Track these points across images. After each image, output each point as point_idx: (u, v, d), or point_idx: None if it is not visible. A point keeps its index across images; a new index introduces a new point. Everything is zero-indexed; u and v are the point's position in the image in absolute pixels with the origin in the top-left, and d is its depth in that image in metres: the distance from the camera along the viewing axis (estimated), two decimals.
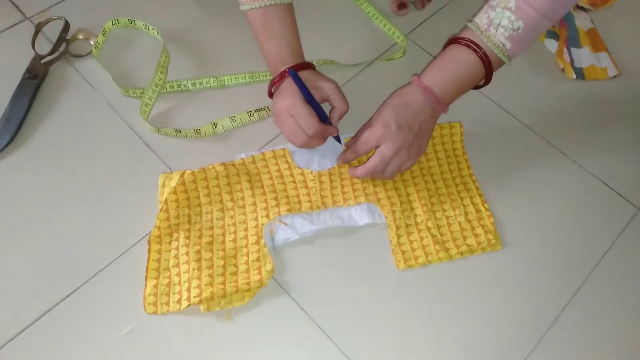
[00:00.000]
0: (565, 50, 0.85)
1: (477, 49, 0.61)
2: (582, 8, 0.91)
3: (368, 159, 0.66)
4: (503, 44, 0.60)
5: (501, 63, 0.62)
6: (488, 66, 0.62)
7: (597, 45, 0.87)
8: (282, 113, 0.64)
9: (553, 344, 0.61)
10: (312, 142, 0.65)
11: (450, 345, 0.61)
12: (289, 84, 0.64)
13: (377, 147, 0.64)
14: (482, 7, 0.62)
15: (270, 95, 0.68)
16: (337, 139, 0.70)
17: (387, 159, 0.64)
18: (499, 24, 0.59)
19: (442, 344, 0.61)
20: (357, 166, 0.67)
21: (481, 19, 0.61)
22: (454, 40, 0.63)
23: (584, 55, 0.85)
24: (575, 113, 0.80)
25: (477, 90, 0.80)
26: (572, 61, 0.84)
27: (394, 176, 0.67)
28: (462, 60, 0.62)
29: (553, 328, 0.62)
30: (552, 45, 0.86)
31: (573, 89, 0.83)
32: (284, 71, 0.65)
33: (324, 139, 0.68)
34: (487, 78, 0.64)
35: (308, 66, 0.67)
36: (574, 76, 0.83)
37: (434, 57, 0.66)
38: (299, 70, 0.65)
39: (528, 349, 0.61)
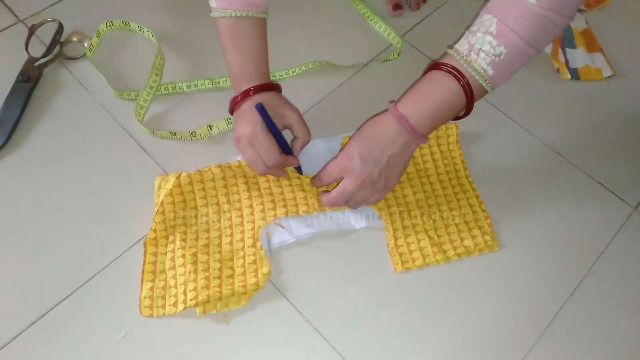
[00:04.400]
0: (559, 50, 0.85)
1: (458, 76, 0.57)
2: None
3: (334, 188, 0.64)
4: (485, 70, 0.56)
5: (483, 92, 0.59)
6: (469, 95, 0.58)
7: (592, 45, 0.87)
8: (242, 140, 0.62)
9: (550, 344, 0.61)
10: (271, 171, 0.65)
11: (448, 347, 0.60)
12: (250, 110, 0.62)
13: (340, 178, 0.62)
14: (462, 33, 0.60)
15: (232, 112, 0.66)
16: (298, 170, 0.68)
17: (348, 193, 0.61)
18: (480, 48, 0.56)
19: (439, 345, 0.60)
20: (326, 192, 0.65)
21: (462, 45, 0.58)
22: (434, 66, 0.60)
23: (579, 56, 0.85)
24: (571, 113, 0.80)
25: None
26: (566, 62, 0.84)
27: (357, 207, 0.65)
28: (441, 87, 0.59)
29: (550, 328, 0.62)
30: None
31: (568, 90, 0.83)
32: (247, 90, 0.62)
33: (283, 168, 0.66)
34: (468, 108, 0.60)
35: (273, 87, 0.65)
36: (569, 77, 0.83)
37: (413, 83, 0.62)
38: (263, 91, 0.63)
39: (525, 349, 0.61)
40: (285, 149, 0.65)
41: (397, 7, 0.88)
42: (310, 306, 0.61)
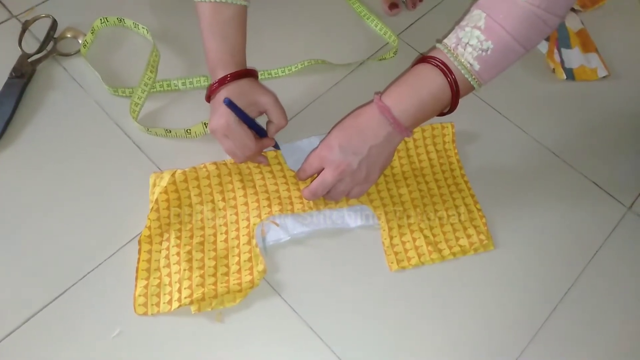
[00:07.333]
0: (555, 50, 0.85)
1: (446, 70, 0.57)
2: (572, 9, 0.92)
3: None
4: (471, 65, 0.56)
5: (470, 88, 0.59)
6: (455, 91, 0.58)
7: (587, 46, 0.87)
8: (217, 132, 0.62)
9: (545, 343, 0.62)
10: (250, 159, 0.66)
11: (443, 346, 0.60)
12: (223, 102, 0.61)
13: (321, 169, 0.62)
14: (452, 28, 0.60)
15: (209, 99, 0.66)
16: (276, 146, 0.69)
17: (328, 183, 0.61)
18: (468, 42, 0.56)
19: (434, 344, 0.60)
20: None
21: (450, 39, 0.58)
22: (422, 59, 0.60)
23: (574, 56, 0.86)
24: (566, 113, 0.81)
25: None
26: (562, 62, 0.84)
27: (339, 199, 0.65)
28: (427, 81, 0.58)
29: (545, 327, 0.63)
30: (542, 45, 0.87)
31: (563, 90, 0.83)
32: (223, 78, 0.62)
33: (261, 151, 0.67)
34: (453, 104, 0.60)
35: (249, 73, 0.64)
36: (564, 77, 0.83)
37: (400, 75, 0.62)
38: (238, 79, 0.63)
39: (520, 348, 0.61)
40: (261, 134, 0.66)
41: (393, 5, 0.88)
42: (305, 304, 0.61)
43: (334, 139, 0.61)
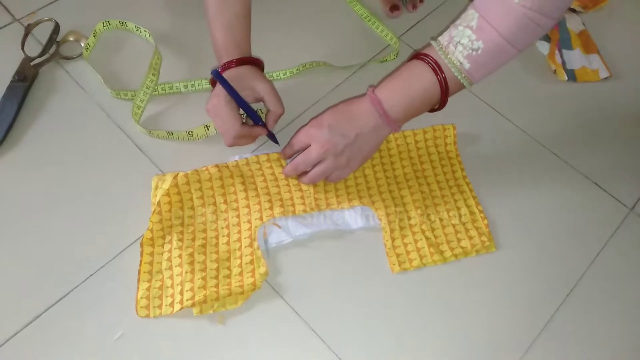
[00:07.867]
0: (556, 52, 0.85)
1: (437, 69, 0.58)
2: (573, 10, 0.92)
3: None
4: (461, 63, 0.57)
5: (460, 86, 0.60)
6: (445, 89, 0.59)
7: (589, 47, 0.87)
8: (210, 112, 0.65)
9: (547, 344, 0.61)
10: (239, 142, 0.66)
11: (445, 347, 0.60)
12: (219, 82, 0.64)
13: (308, 146, 0.64)
14: (447, 26, 0.60)
15: (213, 84, 0.67)
16: (272, 138, 0.70)
17: (311, 159, 0.63)
18: (459, 41, 0.57)
19: (436, 346, 0.60)
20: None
21: (443, 37, 0.59)
22: (416, 56, 0.61)
23: (576, 57, 0.85)
24: (567, 115, 0.81)
25: (469, 92, 0.80)
26: (563, 63, 0.84)
27: (315, 182, 0.65)
28: (419, 78, 0.60)
29: (547, 329, 0.62)
30: (543, 47, 0.87)
31: (565, 91, 0.83)
32: (229, 62, 0.65)
33: (254, 138, 0.69)
34: (442, 101, 0.61)
35: (251, 61, 0.66)
36: (566, 78, 0.83)
37: (394, 70, 0.64)
38: (239, 65, 0.64)
39: (522, 349, 0.61)
40: (255, 119, 0.67)
41: (394, 7, 0.88)
42: (307, 307, 0.61)
43: (325, 119, 0.63)
